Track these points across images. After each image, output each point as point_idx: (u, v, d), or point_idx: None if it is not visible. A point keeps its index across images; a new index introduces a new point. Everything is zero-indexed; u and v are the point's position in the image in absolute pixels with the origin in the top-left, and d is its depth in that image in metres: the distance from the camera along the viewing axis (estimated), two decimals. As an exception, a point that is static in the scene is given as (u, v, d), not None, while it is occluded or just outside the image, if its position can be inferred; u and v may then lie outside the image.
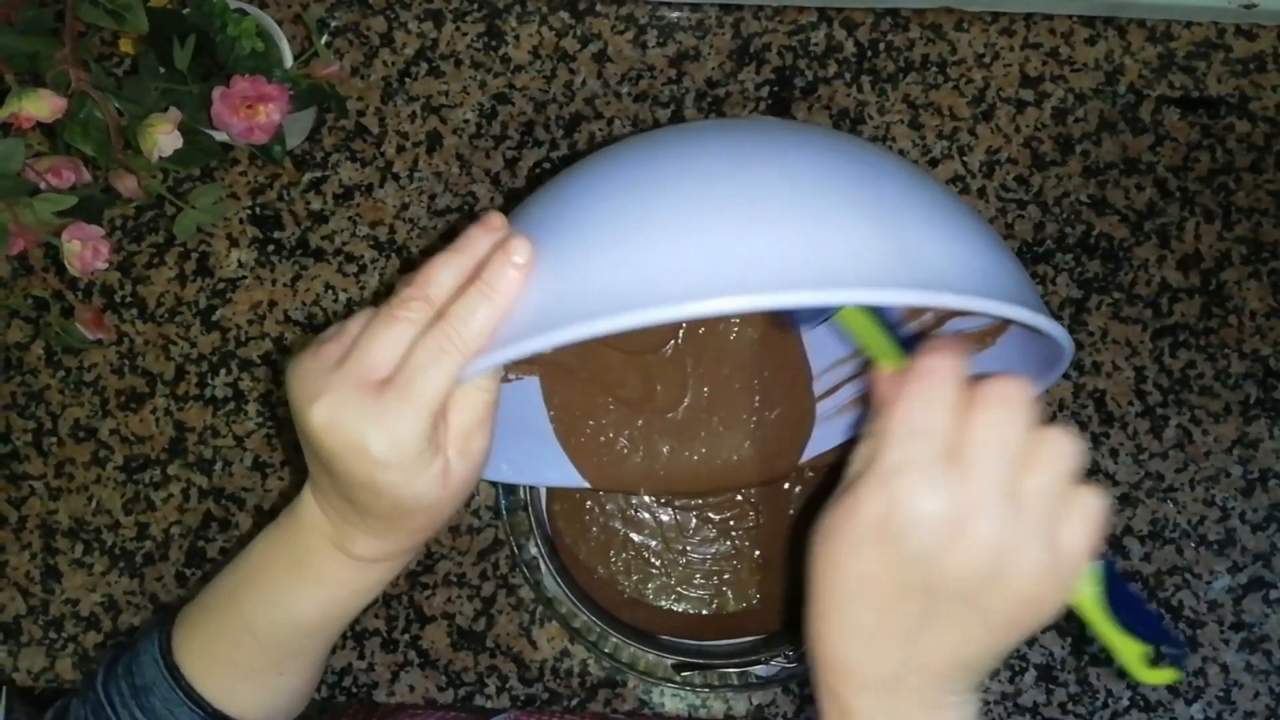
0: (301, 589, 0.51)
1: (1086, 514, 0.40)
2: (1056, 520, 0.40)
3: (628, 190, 0.45)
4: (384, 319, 0.45)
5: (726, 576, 0.75)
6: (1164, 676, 0.42)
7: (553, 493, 0.75)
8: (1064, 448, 0.40)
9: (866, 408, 0.44)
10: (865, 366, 0.53)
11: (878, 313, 0.47)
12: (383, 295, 0.80)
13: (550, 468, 0.72)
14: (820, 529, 0.42)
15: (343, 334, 0.47)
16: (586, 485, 0.72)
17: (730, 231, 0.41)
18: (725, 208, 0.42)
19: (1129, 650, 0.42)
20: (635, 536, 0.76)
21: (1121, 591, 0.42)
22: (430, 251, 0.81)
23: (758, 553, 0.75)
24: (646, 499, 0.75)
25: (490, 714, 0.76)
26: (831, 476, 0.73)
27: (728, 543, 0.75)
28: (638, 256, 0.41)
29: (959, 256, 0.43)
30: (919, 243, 0.42)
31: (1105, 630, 0.42)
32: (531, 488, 0.74)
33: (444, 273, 0.46)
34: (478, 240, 0.46)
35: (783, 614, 0.74)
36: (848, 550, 0.41)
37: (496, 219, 0.47)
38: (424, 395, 0.44)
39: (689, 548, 0.75)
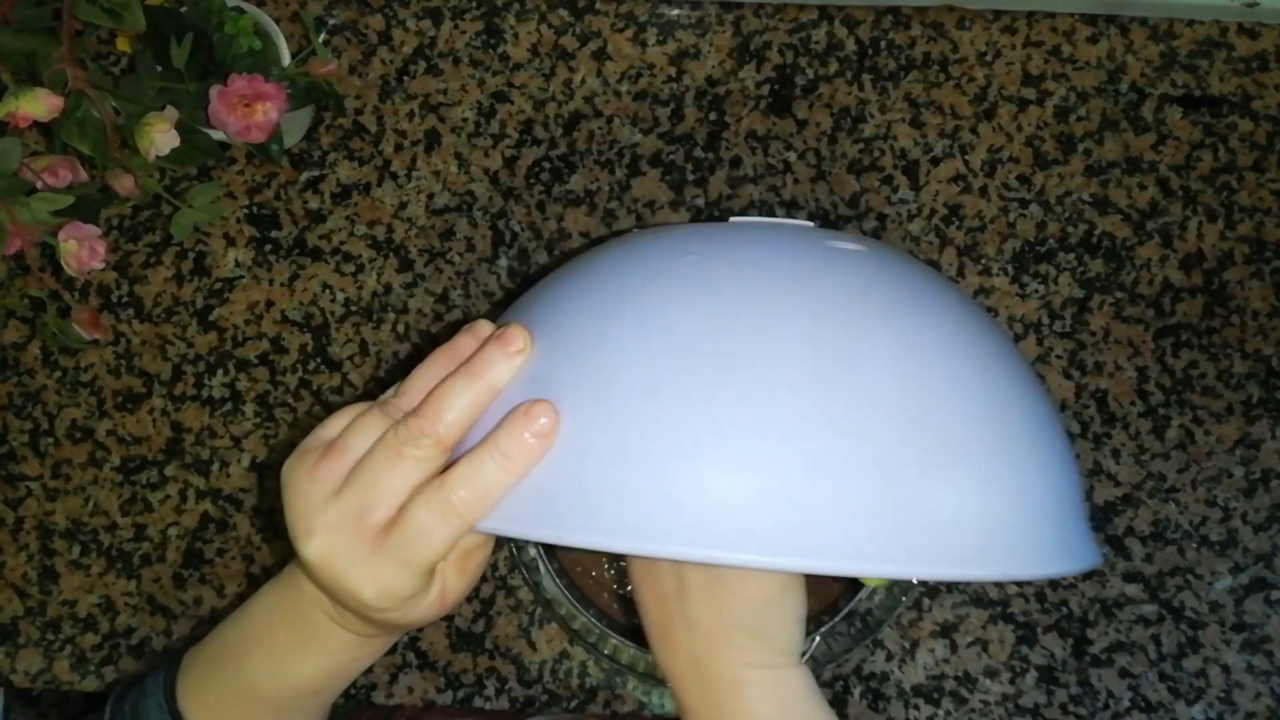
0: (304, 657, 0.51)
1: None
2: None
3: (688, 367, 0.40)
4: (389, 455, 0.42)
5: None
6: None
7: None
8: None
9: None
10: None
11: None
12: (380, 296, 0.80)
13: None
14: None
15: (343, 448, 0.43)
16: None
17: (783, 477, 0.38)
18: (786, 439, 0.38)
19: None
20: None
21: None
22: (434, 254, 0.80)
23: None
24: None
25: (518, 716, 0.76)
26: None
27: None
28: (676, 481, 0.38)
29: (990, 507, 0.40)
30: (946, 497, 0.39)
31: None
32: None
33: (454, 404, 0.42)
34: (495, 364, 0.42)
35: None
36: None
37: (518, 338, 0.42)
38: (422, 557, 0.41)
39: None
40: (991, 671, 0.77)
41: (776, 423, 0.38)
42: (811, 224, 0.49)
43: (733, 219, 0.49)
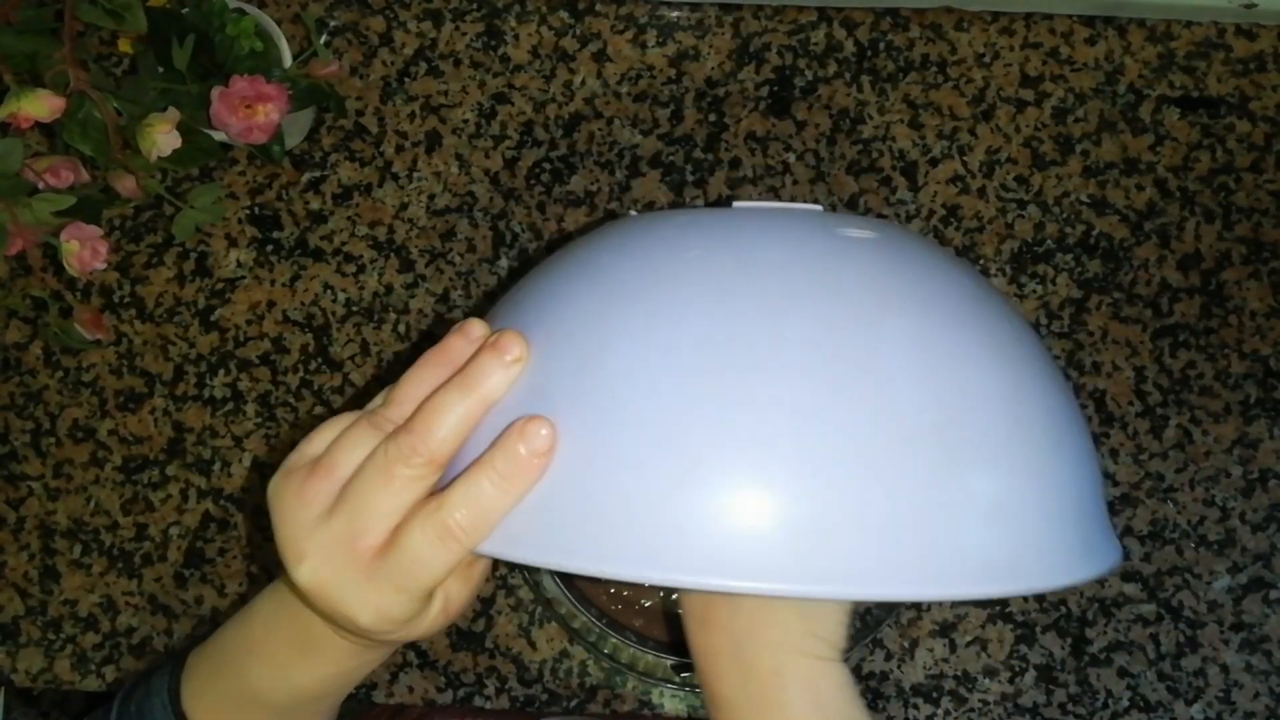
0: (306, 665, 0.50)
1: None
2: None
3: (694, 380, 0.37)
4: (381, 474, 0.40)
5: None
6: None
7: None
8: None
9: None
10: None
11: None
12: (381, 296, 0.80)
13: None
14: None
15: (331, 466, 0.41)
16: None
17: (801, 498, 0.36)
18: (801, 456, 0.36)
19: None
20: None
21: None
22: (434, 254, 0.81)
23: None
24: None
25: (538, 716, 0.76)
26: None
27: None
28: (685, 503, 0.36)
29: (1005, 518, 0.38)
30: (958, 516, 0.37)
31: None
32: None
33: (447, 420, 0.39)
34: (490, 375, 0.40)
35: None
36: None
37: (513, 345, 0.40)
38: (420, 583, 0.40)
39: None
40: (990, 671, 0.77)
41: (791, 438, 0.36)
42: (819, 207, 0.46)
43: (736, 204, 0.46)
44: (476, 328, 0.42)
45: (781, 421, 0.37)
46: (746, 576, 0.35)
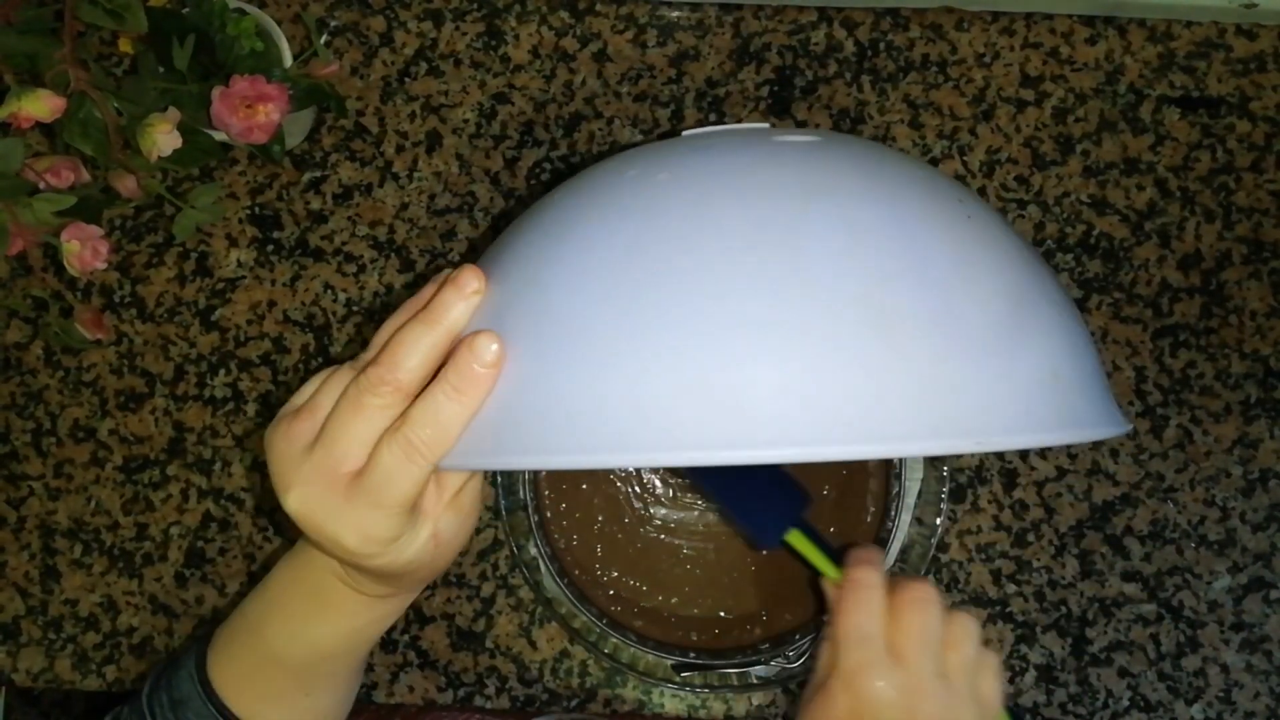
0: (319, 620, 0.52)
1: (994, 670, 0.51)
2: (976, 681, 0.50)
3: (623, 276, 0.39)
4: (352, 405, 0.43)
5: (728, 579, 0.75)
6: None
7: (554, 494, 0.75)
8: (969, 626, 0.50)
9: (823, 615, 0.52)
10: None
11: (812, 535, 0.57)
12: (381, 296, 0.80)
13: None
14: (803, 702, 0.51)
15: (314, 407, 0.45)
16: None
17: (737, 364, 0.37)
18: (736, 328, 0.37)
19: None
20: (637, 536, 0.75)
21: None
22: (435, 254, 0.81)
23: (763, 552, 0.75)
24: (648, 504, 0.75)
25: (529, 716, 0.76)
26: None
27: (730, 546, 0.75)
28: (629, 382, 0.38)
29: (1001, 370, 0.38)
30: (946, 369, 0.37)
31: None
32: (532, 488, 0.74)
33: (413, 351, 0.42)
34: (450, 307, 0.43)
35: (782, 617, 0.74)
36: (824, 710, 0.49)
37: (471, 279, 0.43)
38: (393, 498, 0.42)
39: (690, 549, 0.75)
40: (990, 671, 0.77)
41: (735, 317, 0.37)
42: (765, 125, 0.47)
43: (685, 132, 0.47)
44: (449, 273, 0.45)
45: (707, 299, 0.38)
46: (716, 447, 0.36)
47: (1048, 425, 0.38)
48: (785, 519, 0.60)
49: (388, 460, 0.42)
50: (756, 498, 0.63)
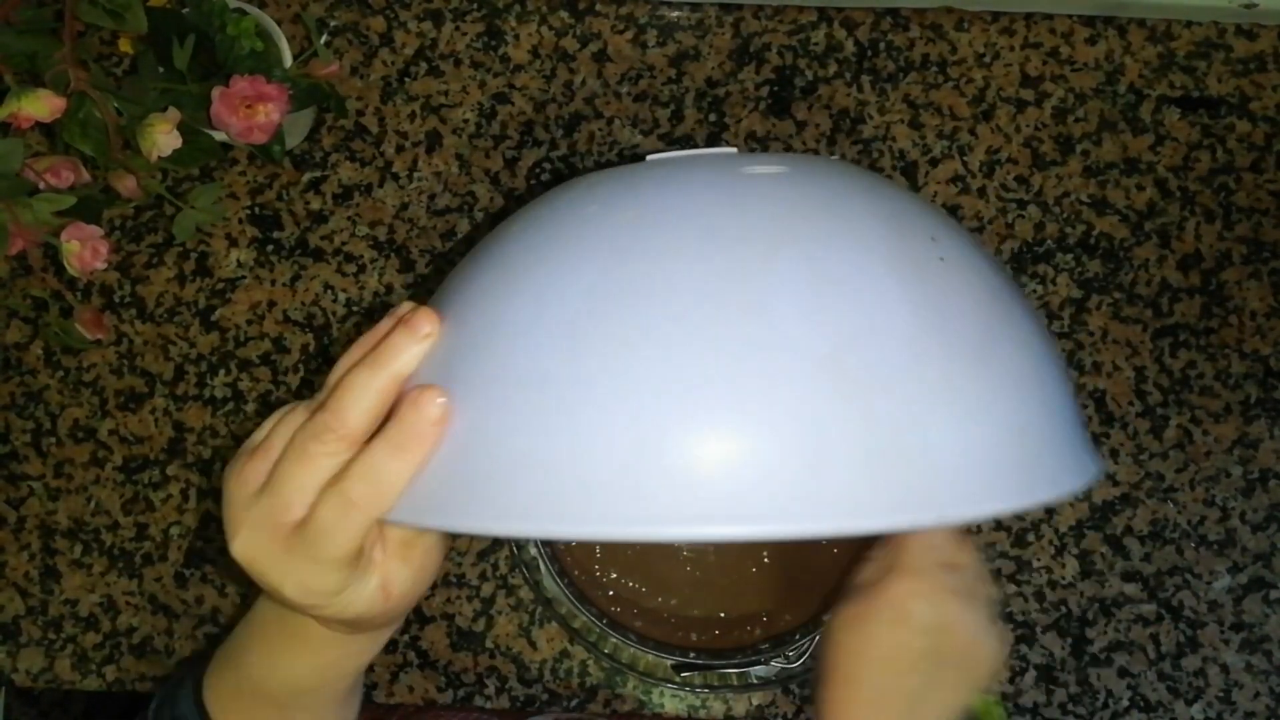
0: (294, 655, 0.51)
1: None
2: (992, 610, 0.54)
3: (577, 330, 0.37)
4: (298, 452, 0.42)
5: (727, 579, 0.75)
6: None
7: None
8: (986, 571, 0.55)
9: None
10: None
11: None
12: (381, 296, 0.80)
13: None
14: (842, 619, 0.51)
15: (266, 450, 0.43)
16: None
17: (691, 434, 0.35)
18: (694, 393, 0.35)
19: None
20: (635, 537, 0.75)
21: None
22: (435, 254, 0.81)
23: (764, 554, 0.75)
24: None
25: (521, 715, 0.76)
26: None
27: (729, 547, 0.75)
28: (578, 449, 0.36)
29: (973, 434, 0.36)
30: (915, 431, 0.36)
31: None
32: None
33: (360, 398, 0.41)
34: (401, 351, 0.41)
35: (782, 616, 0.74)
36: (868, 637, 0.50)
37: (424, 323, 0.41)
38: (330, 553, 0.41)
39: (690, 550, 0.75)
40: (990, 671, 0.77)
41: (679, 376, 0.35)
42: (733, 150, 0.45)
43: (650, 157, 0.45)
44: (405, 308, 0.43)
45: (665, 362, 0.36)
46: (663, 522, 0.35)
47: (1012, 491, 0.37)
48: None
49: (325, 515, 0.40)
50: None
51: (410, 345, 0.41)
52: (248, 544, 0.42)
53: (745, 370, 0.35)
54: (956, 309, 0.38)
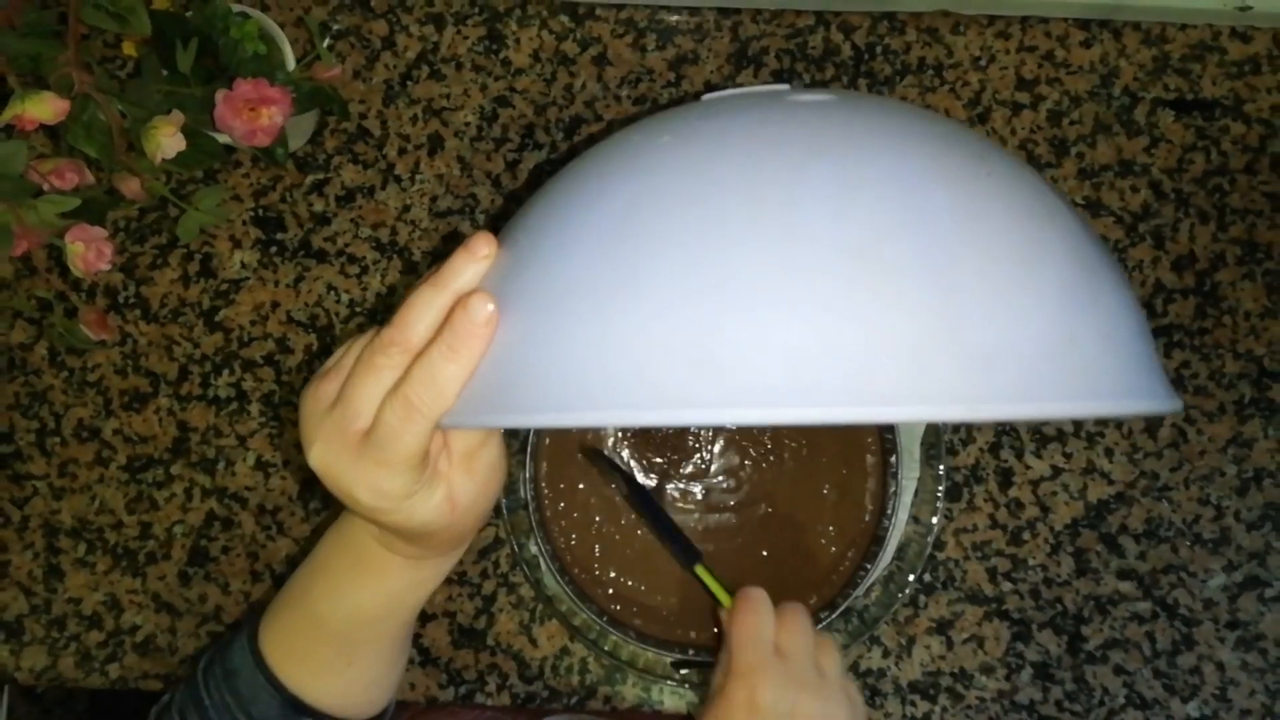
0: (361, 583, 0.54)
1: (834, 649, 0.62)
2: (822, 663, 0.61)
3: (617, 237, 0.39)
4: (365, 365, 0.45)
5: (726, 576, 0.76)
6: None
7: (553, 493, 0.76)
8: (810, 626, 0.61)
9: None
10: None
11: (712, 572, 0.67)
12: (384, 297, 0.81)
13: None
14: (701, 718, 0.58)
15: (339, 369, 0.47)
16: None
17: (725, 323, 0.36)
18: (726, 285, 0.36)
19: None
20: (636, 536, 0.76)
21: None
22: (436, 255, 0.81)
23: (765, 552, 0.75)
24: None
25: (539, 714, 0.77)
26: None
27: (730, 543, 0.76)
28: (620, 341, 0.37)
29: (1040, 327, 0.36)
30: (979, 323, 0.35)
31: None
32: (532, 487, 0.74)
33: (423, 314, 0.44)
34: (459, 271, 0.44)
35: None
36: None
37: (482, 245, 0.44)
38: (397, 456, 0.44)
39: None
40: (987, 668, 0.78)
41: (724, 274, 0.36)
42: (785, 86, 0.46)
43: (705, 96, 0.47)
44: (482, 244, 0.46)
45: (700, 258, 0.37)
46: (725, 404, 0.35)
47: (1053, 395, 0.36)
48: (690, 551, 0.70)
49: (389, 419, 0.43)
50: (665, 523, 0.71)
51: (469, 265, 0.44)
52: (323, 454, 0.45)
53: (773, 261, 0.36)
54: (1000, 214, 0.38)
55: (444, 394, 0.42)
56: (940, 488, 0.74)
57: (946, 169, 0.39)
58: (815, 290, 0.36)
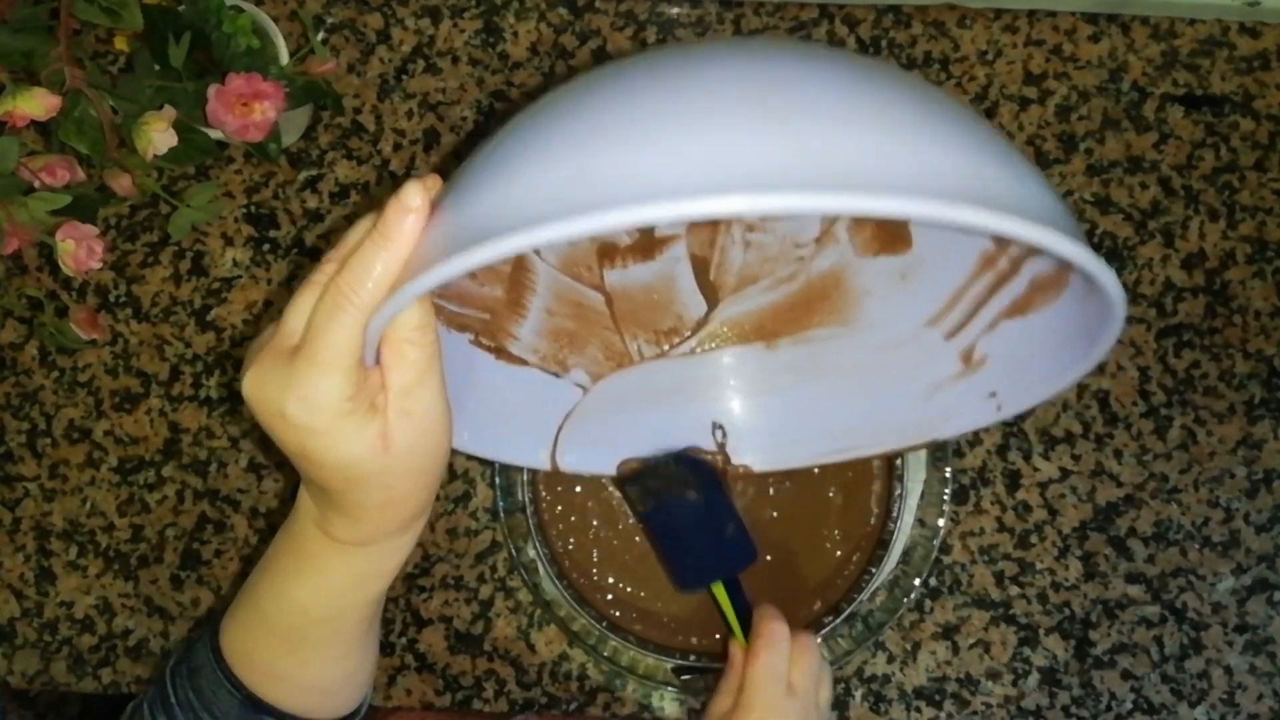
0: (299, 577, 0.52)
1: (830, 680, 0.65)
2: (820, 695, 0.63)
3: (568, 100, 0.41)
4: (302, 285, 0.46)
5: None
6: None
7: (552, 495, 0.75)
8: (826, 670, 0.64)
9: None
10: None
11: (735, 595, 0.65)
12: (380, 295, 0.80)
13: (510, 445, 0.67)
14: None
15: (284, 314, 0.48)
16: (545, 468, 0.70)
17: (707, 132, 0.37)
18: (653, 122, 0.38)
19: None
20: (634, 541, 0.75)
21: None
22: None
23: (769, 556, 0.75)
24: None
25: (502, 717, 0.76)
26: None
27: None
28: (557, 175, 0.37)
29: (1005, 178, 0.38)
30: (942, 151, 0.37)
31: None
32: (530, 490, 0.73)
33: (359, 231, 0.45)
34: (402, 193, 0.44)
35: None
36: None
37: (427, 180, 0.44)
38: (327, 353, 0.43)
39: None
40: (993, 673, 0.77)
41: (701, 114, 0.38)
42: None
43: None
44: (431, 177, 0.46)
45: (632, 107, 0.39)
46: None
47: (956, 199, 0.35)
48: (718, 570, 0.67)
49: (320, 317, 0.43)
50: (701, 538, 0.67)
51: (415, 186, 0.43)
52: (256, 374, 0.45)
53: (684, 103, 0.38)
54: (903, 90, 0.40)
55: (373, 284, 0.42)
56: (947, 490, 0.74)
57: (856, 66, 0.42)
58: (721, 130, 0.37)
